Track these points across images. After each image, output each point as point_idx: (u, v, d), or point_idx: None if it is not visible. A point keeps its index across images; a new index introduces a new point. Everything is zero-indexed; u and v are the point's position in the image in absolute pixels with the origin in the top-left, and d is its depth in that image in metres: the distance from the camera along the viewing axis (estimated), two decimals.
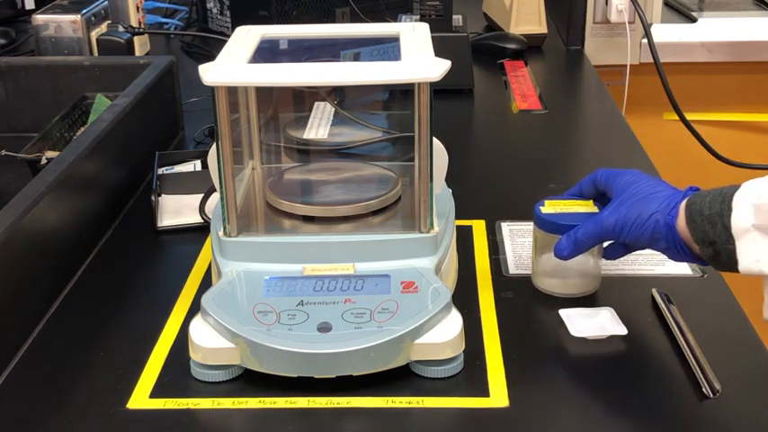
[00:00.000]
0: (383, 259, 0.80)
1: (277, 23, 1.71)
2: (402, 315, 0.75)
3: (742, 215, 0.71)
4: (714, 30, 1.80)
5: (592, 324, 0.81)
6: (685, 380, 0.75)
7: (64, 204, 0.92)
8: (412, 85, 0.77)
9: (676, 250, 0.76)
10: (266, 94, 0.96)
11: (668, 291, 0.86)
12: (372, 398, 0.73)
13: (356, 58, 0.90)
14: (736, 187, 0.73)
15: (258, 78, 0.79)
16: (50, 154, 1.08)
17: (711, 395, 0.72)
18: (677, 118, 1.68)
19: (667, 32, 1.76)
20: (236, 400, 0.73)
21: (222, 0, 1.83)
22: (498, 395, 0.74)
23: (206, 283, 0.91)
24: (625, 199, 0.79)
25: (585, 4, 1.73)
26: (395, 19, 1.80)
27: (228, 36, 0.87)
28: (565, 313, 0.83)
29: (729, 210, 0.72)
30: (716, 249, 0.73)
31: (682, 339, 0.79)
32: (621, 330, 0.80)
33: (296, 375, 0.73)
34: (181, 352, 0.79)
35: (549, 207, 0.86)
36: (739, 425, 0.71)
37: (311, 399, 0.73)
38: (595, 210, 0.85)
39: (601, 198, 0.86)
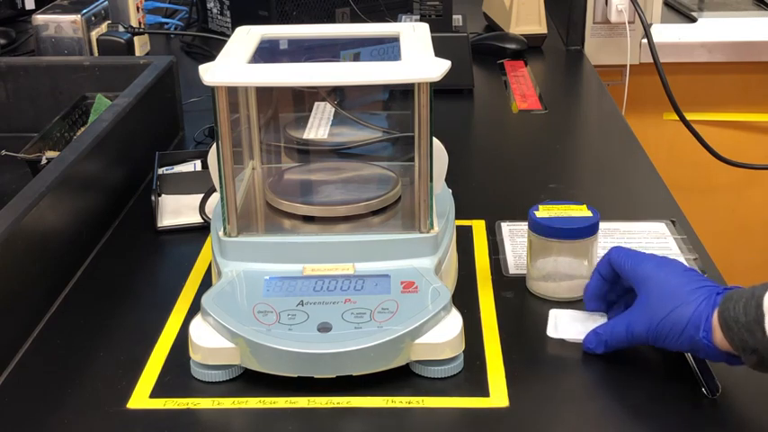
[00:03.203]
0: (383, 259, 0.80)
1: (277, 23, 1.71)
2: (402, 315, 0.75)
3: None
4: (714, 30, 1.80)
5: (575, 327, 0.81)
6: (685, 380, 0.75)
7: (64, 204, 0.92)
8: (412, 85, 0.77)
9: (718, 359, 0.72)
10: (266, 94, 0.96)
11: None
12: (372, 398, 0.73)
13: (356, 58, 0.91)
14: (765, 287, 0.68)
15: (258, 78, 0.79)
16: (50, 154, 1.08)
17: (711, 395, 0.73)
18: (677, 118, 1.68)
19: (667, 32, 1.77)
20: (236, 400, 0.73)
21: (222, 0, 1.83)
22: (498, 395, 0.74)
23: (206, 283, 0.91)
24: (651, 304, 0.74)
25: (585, 4, 1.73)
26: (395, 19, 1.80)
27: (228, 36, 0.87)
28: (554, 313, 0.83)
29: (764, 315, 0.66)
30: (760, 356, 0.67)
31: None
32: None
33: (296, 375, 0.73)
34: (181, 352, 0.79)
35: (544, 211, 0.86)
36: (739, 425, 0.71)
37: (311, 399, 0.73)
38: (589, 214, 0.85)
39: (617, 279, 0.81)
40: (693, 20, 1.85)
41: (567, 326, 0.82)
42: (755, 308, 0.67)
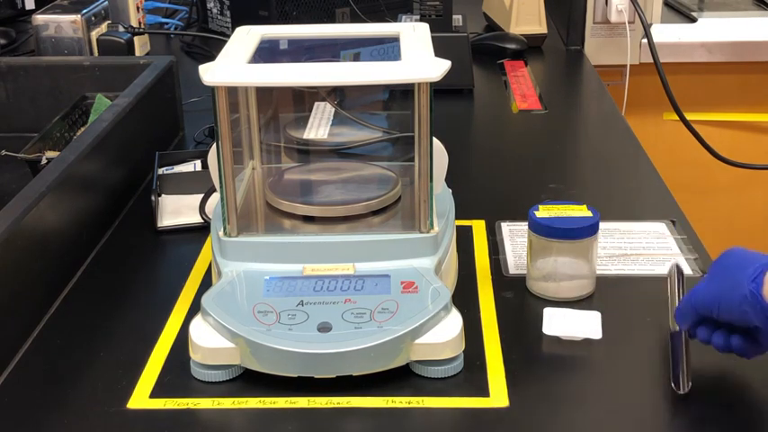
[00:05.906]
0: (383, 259, 0.80)
1: (277, 23, 1.71)
2: (402, 315, 0.75)
3: None
4: (714, 30, 1.80)
5: (569, 324, 0.81)
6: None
7: (64, 204, 0.92)
8: (412, 85, 0.77)
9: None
10: (266, 94, 0.96)
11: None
12: (372, 398, 0.73)
13: (356, 58, 0.91)
14: None
15: (258, 78, 0.79)
16: (50, 154, 1.08)
17: (679, 391, 0.72)
18: (677, 118, 1.68)
19: (667, 32, 1.77)
20: (236, 400, 0.73)
21: (222, 0, 1.83)
22: (498, 395, 0.74)
23: (206, 283, 0.91)
24: (717, 272, 0.70)
25: (585, 4, 1.73)
26: (395, 19, 1.80)
27: (228, 36, 0.87)
28: (548, 312, 0.83)
29: None
30: None
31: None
32: (596, 335, 0.80)
33: (296, 375, 0.73)
34: (181, 352, 0.79)
35: (544, 211, 0.86)
36: (745, 425, 0.71)
37: (311, 399, 0.73)
38: (589, 214, 0.85)
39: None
40: (693, 20, 1.85)
41: (562, 323, 0.81)
42: None
